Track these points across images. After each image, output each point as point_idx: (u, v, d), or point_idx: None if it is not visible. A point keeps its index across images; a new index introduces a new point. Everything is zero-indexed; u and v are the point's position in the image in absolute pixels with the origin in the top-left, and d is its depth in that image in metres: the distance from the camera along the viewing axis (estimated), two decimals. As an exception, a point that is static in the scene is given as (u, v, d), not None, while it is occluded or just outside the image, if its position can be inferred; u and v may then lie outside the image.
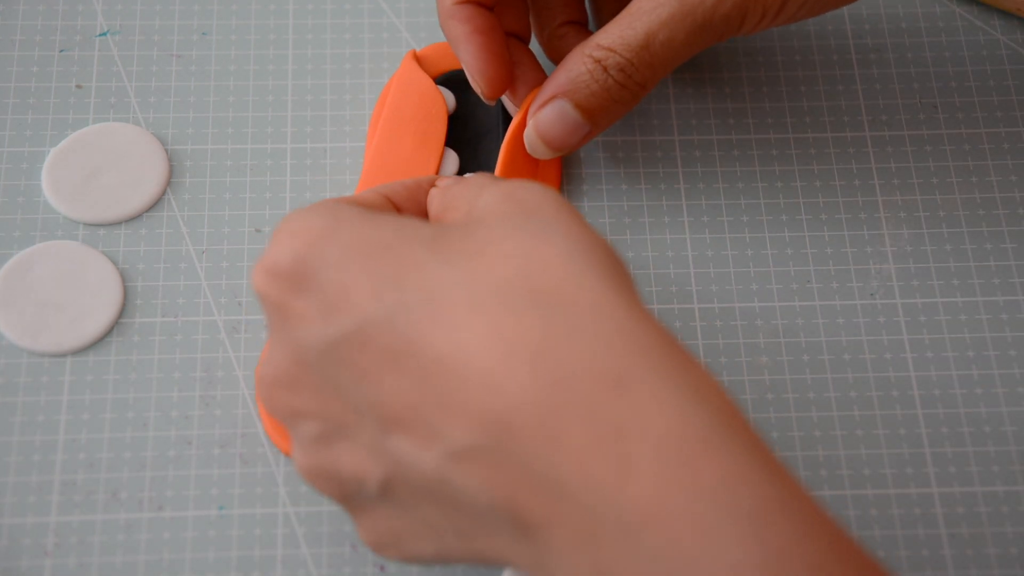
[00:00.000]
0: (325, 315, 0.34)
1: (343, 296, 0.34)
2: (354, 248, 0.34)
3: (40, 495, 0.43)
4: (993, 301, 0.47)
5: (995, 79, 0.51)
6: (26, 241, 0.47)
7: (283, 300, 0.35)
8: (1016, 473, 0.44)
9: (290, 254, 0.35)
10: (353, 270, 0.34)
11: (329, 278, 0.34)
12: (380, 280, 0.33)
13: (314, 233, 0.35)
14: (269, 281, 0.35)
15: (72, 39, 0.51)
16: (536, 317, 0.31)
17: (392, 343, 0.32)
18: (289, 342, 0.35)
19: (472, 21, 0.45)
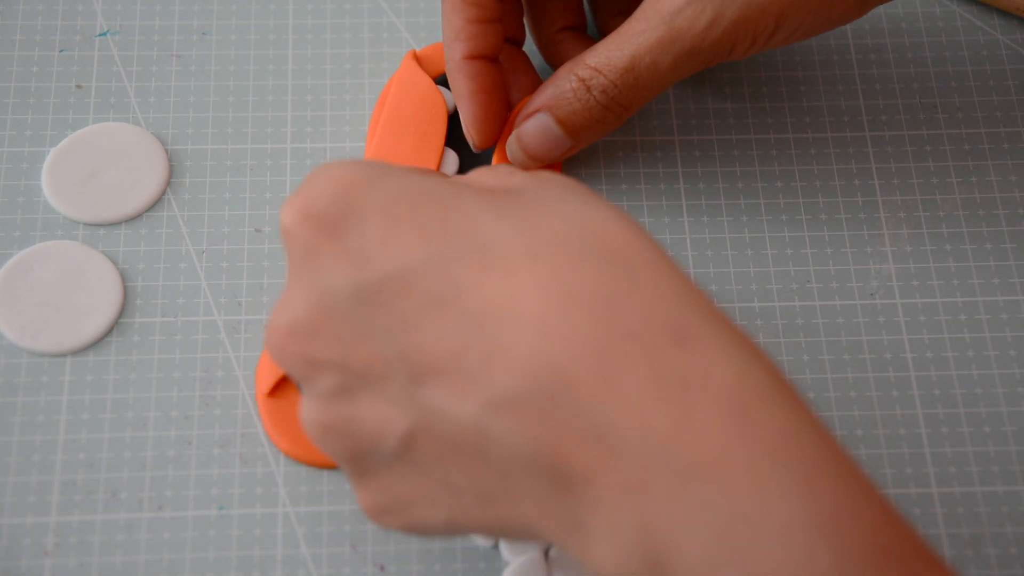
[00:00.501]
0: (362, 259, 0.33)
1: (385, 240, 0.33)
2: (400, 194, 0.33)
3: (40, 495, 0.43)
4: (993, 301, 0.47)
5: (995, 79, 0.51)
6: (26, 241, 0.47)
7: (314, 242, 0.33)
8: (1016, 473, 0.44)
9: (329, 195, 0.33)
10: (398, 215, 0.33)
11: (370, 222, 0.33)
12: (427, 226, 0.32)
13: (357, 177, 0.34)
14: (301, 220, 0.34)
15: (72, 39, 0.51)
16: (596, 270, 0.31)
17: (436, 289, 0.32)
18: (313, 287, 0.34)
19: (478, 79, 0.46)
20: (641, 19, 0.43)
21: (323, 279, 0.33)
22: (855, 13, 0.43)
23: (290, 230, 0.34)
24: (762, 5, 0.42)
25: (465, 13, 0.45)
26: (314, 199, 0.34)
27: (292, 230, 0.34)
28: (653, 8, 0.43)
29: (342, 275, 0.33)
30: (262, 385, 0.44)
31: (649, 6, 0.43)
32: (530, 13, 0.49)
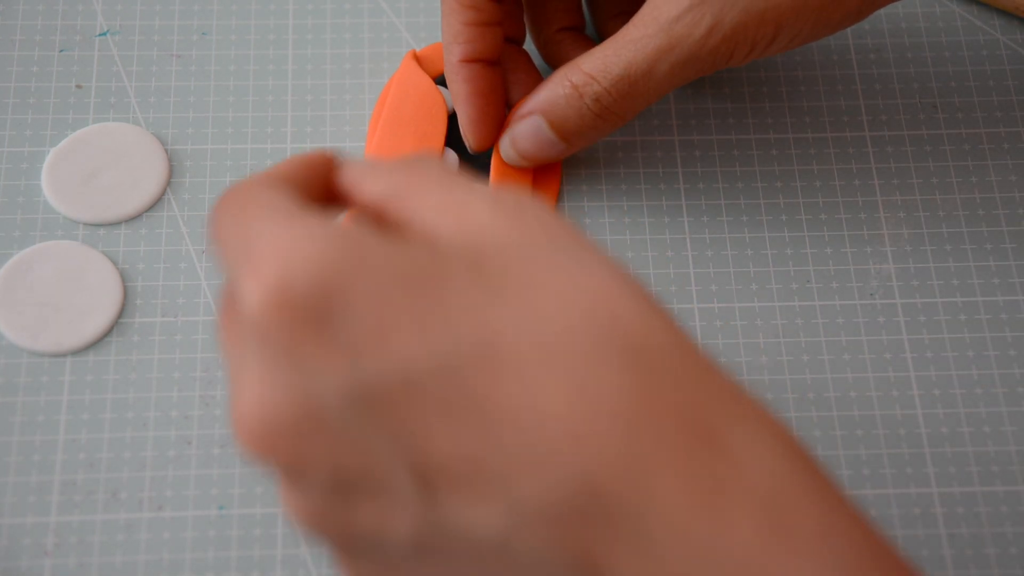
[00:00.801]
0: (354, 356, 0.29)
1: (379, 334, 0.29)
2: (389, 277, 0.29)
3: (40, 495, 0.43)
4: (993, 301, 0.47)
5: (995, 79, 0.51)
6: (26, 241, 0.47)
7: (295, 335, 0.29)
8: (1016, 473, 0.44)
9: (308, 280, 0.29)
10: (390, 304, 0.29)
11: (360, 312, 0.29)
12: (424, 317, 0.29)
13: (337, 255, 0.29)
14: (276, 309, 0.29)
15: (72, 39, 0.51)
16: (617, 366, 0.29)
17: (444, 392, 0.29)
18: (294, 384, 0.30)
19: (475, 82, 0.46)
20: (639, 25, 0.43)
21: (307, 377, 0.30)
22: (855, 18, 0.43)
23: (262, 319, 0.29)
24: (761, 12, 0.41)
25: (463, 16, 0.45)
26: (291, 284, 0.29)
27: (265, 319, 0.29)
28: (651, 15, 0.42)
29: (331, 374, 0.29)
30: (262, 385, 0.44)
31: (647, 13, 0.43)
32: (529, 13, 0.49)
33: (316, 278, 0.29)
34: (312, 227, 0.30)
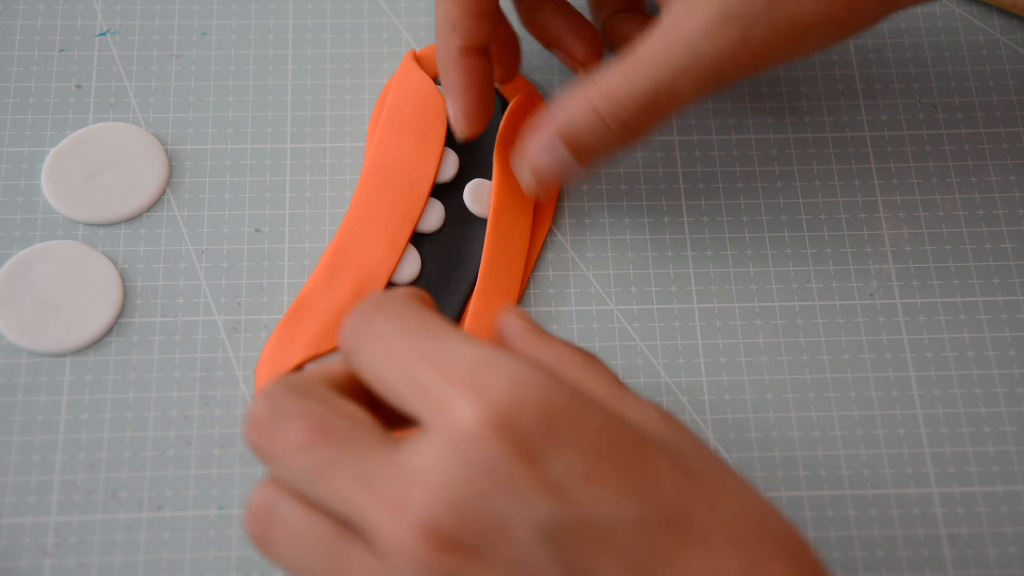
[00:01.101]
0: (560, 492, 0.30)
1: (590, 479, 0.31)
2: (603, 430, 0.32)
3: (40, 495, 0.43)
4: (993, 301, 0.47)
5: (995, 79, 0.51)
6: (26, 241, 0.47)
7: (504, 457, 0.30)
8: (1015, 473, 0.44)
9: (535, 408, 0.31)
10: (602, 456, 0.31)
11: (574, 455, 0.31)
12: (630, 477, 0.31)
13: (563, 398, 0.31)
14: (494, 429, 0.30)
15: (72, 39, 0.51)
16: (784, 567, 0.32)
17: (637, 549, 0.31)
18: (490, 508, 0.30)
19: (471, 73, 0.45)
20: (661, 41, 0.41)
21: (505, 502, 0.30)
22: (872, 24, 0.42)
23: (476, 434, 0.31)
24: (787, 27, 0.40)
25: (464, 6, 0.45)
26: (524, 414, 0.31)
27: (479, 435, 0.31)
28: (674, 31, 0.41)
29: (534, 504, 0.30)
30: (262, 385, 0.44)
31: (669, 28, 0.41)
32: None
33: (541, 408, 0.31)
34: (552, 377, 0.32)
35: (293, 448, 0.33)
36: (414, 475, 0.31)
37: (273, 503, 0.33)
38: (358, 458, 0.32)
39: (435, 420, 0.31)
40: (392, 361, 0.33)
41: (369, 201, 0.47)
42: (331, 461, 0.32)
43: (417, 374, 0.32)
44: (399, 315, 0.34)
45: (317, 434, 0.32)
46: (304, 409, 0.33)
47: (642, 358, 0.46)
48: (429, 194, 0.47)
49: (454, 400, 0.31)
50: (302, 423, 0.33)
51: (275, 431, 0.33)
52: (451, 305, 0.46)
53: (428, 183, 0.47)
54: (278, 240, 0.47)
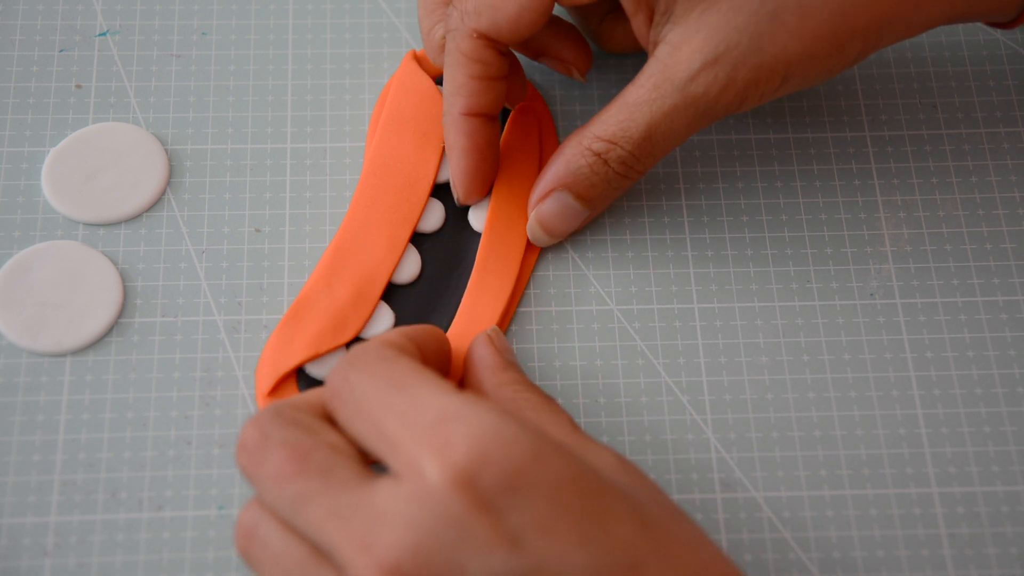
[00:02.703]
0: (515, 542, 0.33)
1: (546, 530, 0.33)
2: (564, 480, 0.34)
3: (40, 495, 0.43)
4: (993, 301, 0.47)
5: (995, 79, 0.51)
6: (26, 241, 0.47)
7: (467, 512, 0.33)
8: (1016, 473, 0.44)
9: (501, 470, 0.34)
10: (562, 505, 0.33)
11: (534, 505, 0.33)
12: (587, 526, 0.33)
13: (527, 450, 0.34)
14: (460, 486, 0.33)
15: (72, 39, 0.51)
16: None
17: None
18: (447, 555, 0.33)
19: (474, 136, 0.45)
20: (650, 86, 0.43)
21: (462, 552, 0.33)
22: (855, 62, 0.44)
23: (439, 491, 0.33)
24: (771, 66, 0.42)
25: (469, 69, 0.44)
26: (485, 470, 0.33)
27: (442, 491, 0.33)
28: (663, 75, 0.43)
29: (488, 553, 0.33)
30: (262, 385, 0.44)
31: (658, 72, 0.43)
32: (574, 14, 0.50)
33: (506, 469, 0.33)
34: (517, 428, 0.34)
35: (276, 477, 0.35)
36: (381, 518, 0.33)
37: (257, 523, 0.37)
38: (333, 493, 0.34)
39: (404, 473, 0.34)
40: (364, 419, 0.36)
41: (369, 201, 0.47)
42: (309, 493, 0.35)
43: (387, 431, 0.35)
44: (370, 371, 0.36)
45: (297, 465, 0.35)
46: (288, 439, 0.36)
47: (642, 358, 0.46)
48: (429, 194, 0.47)
49: (420, 457, 0.34)
50: (285, 453, 0.36)
51: (261, 458, 0.36)
52: (450, 305, 0.46)
53: (428, 183, 0.47)
54: (278, 240, 0.47)
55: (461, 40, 0.44)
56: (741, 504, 0.43)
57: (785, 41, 0.42)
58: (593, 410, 0.45)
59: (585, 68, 0.48)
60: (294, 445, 0.36)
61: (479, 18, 0.43)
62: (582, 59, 0.48)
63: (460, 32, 0.44)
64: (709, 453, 0.44)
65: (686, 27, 0.42)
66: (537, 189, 0.46)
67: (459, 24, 0.44)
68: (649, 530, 0.34)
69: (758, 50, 0.42)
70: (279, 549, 0.36)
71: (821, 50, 0.42)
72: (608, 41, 0.50)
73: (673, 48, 0.42)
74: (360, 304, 0.45)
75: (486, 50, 0.44)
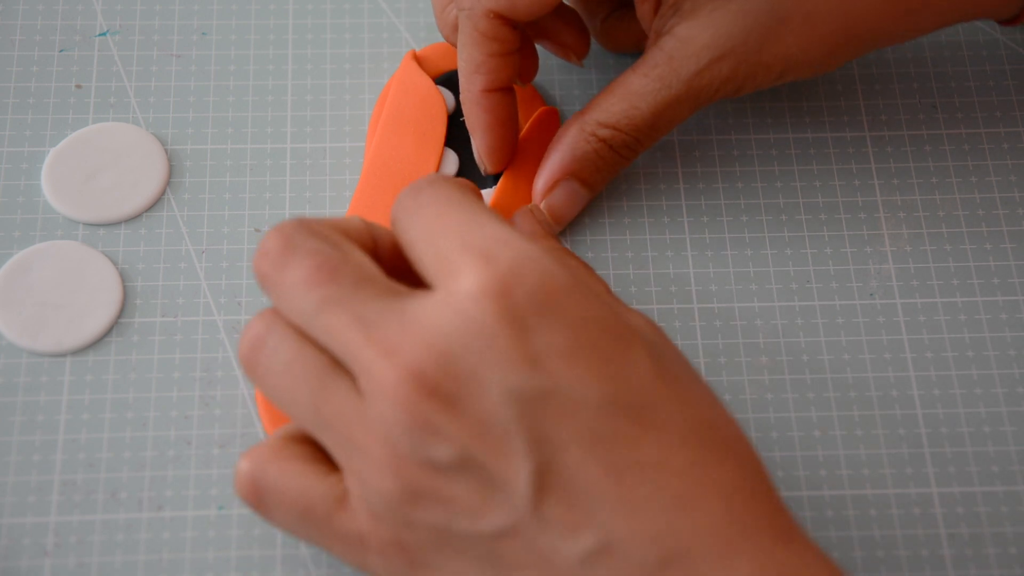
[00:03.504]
0: (536, 363, 0.33)
1: (569, 358, 0.34)
2: (592, 313, 0.34)
3: (40, 495, 0.43)
4: (992, 301, 0.47)
5: (995, 79, 0.51)
6: (26, 241, 0.47)
7: (500, 325, 0.33)
8: (1015, 473, 0.44)
9: (533, 285, 0.34)
10: (586, 337, 0.34)
11: (561, 332, 0.34)
12: (607, 362, 0.34)
13: (562, 279, 0.34)
14: (495, 298, 0.33)
15: (72, 39, 0.51)
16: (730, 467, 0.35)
17: (597, 426, 0.33)
18: (476, 356, 0.33)
19: (496, 111, 0.46)
20: (654, 76, 0.44)
21: (485, 362, 0.33)
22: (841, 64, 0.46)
23: (473, 298, 0.33)
24: (770, 63, 0.44)
25: (487, 48, 0.44)
26: (520, 286, 0.33)
27: (475, 299, 0.33)
28: (669, 67, 0.44)
29: (509, 366, 0.33)
30: (262, 385, 0.44)
31: (664, 64, 0.44)
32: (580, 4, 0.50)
33: (541, 286, 0.34)
34: (555, 260, 0.34)
35: (299, 282, 0.35)
36: (409, 324, 0.33)
37: (268, 330, 0.36)
38: (360, 301, 0.34)
39: (442, 282, 0.34)
40: (423, 230, 0.36)
41: (369, 201, 0.47)
42: (334, 300, 0.34)
43: (440, 242, 0.35)
44: (443, 192, 0.36)
45: (325, 273, 0.35)
46: (316, 248, 0.35)
47: (642, 358, 0.46)
48: (429, 194, 0.47)
49: (463, 266, 0.34)
50: (313, 260, 0.35)
51: (284, 263, 0.35)
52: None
53: (428, 183, 0.47)
54: (278, 240, 0.47)
55: (478, 20, 0.44)
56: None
57: (788, 44, 0.44)
58: (593, 410, 0.45)
59: (583, 53, 0.48)
60: (324, 255, 0.35)
61: None
62: (581, 44, 0.48)
63: (476, 12, 0.44)
64: (709, 453, 0.44)
65: (695, 23, 0.44)
66: (543, 177, 0.46)
67: (475, 4, 0.44)
68: (665, 381, 0.35)
69: (761, 50, 0.44)
70: (290, 356, 0.35)
71: (820, 54, 0.45)
72: (610, 40, 0.50)
73: (681, 42, 0.44)
74: (360, 304, 0.45)
75: (502, 28, 0.44)
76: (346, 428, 0.35)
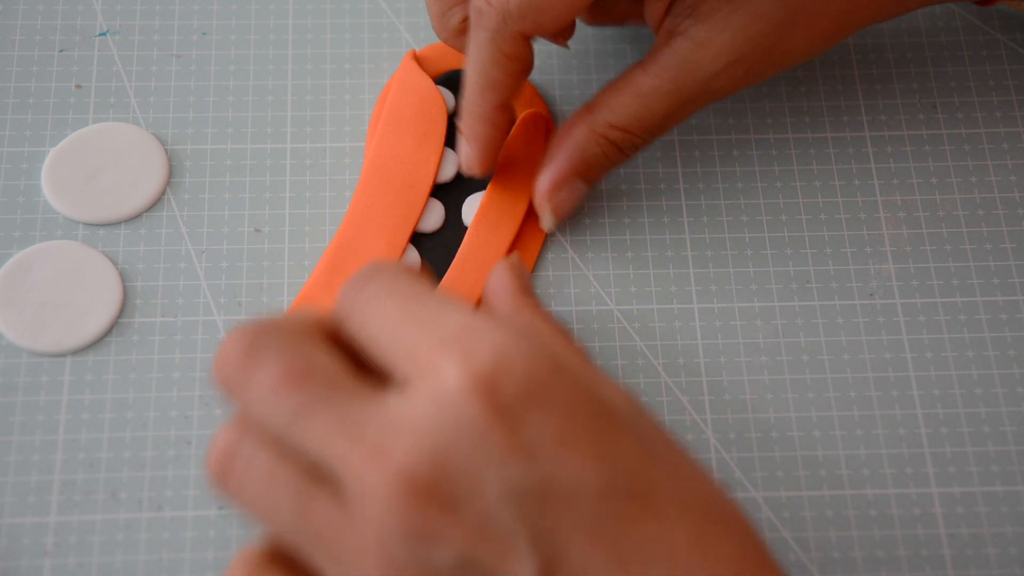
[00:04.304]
0: (531, 453, 0.32)
1: (563, 444, 0.33)
2: (582, 396, 0.34)
3: (40, 495, 0.43)
4: (992, 301, 0.47)
5: (994, 79, 0.51)
6: (26, 241, 0.47)
7: (488, 419, 0.32)
8: (1015, 473, 0.44)
9: (521, 375, 0.33)
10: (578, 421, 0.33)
11: (552, 419, 0.33)
12: (602, 445, 0.33)
13: (546, 363, 0.33)
14: (483, 393, 0.32)
15: (72, 39, 0.51)
16: (734, 543, 0.34)
17: (598, 513, 0.33)
18: (468, 461, 0.32)
19: (499, 125, 0.45)
20: (668, 78, 0.44)
21: (479, 460, 0.32)
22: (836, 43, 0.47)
23: (459, 395, 0.32)
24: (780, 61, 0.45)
25: (510, 68, 0.44)
26: (507, 379, 0.32)
27: (462, 396, 0.32)
28: (684, 69, 0.44)
29: (504, 463, 0.32)
30: (262, 385, 0.44)
31: (678, 67, 0.44)
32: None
33: (525, 376, 0.32)
34: (539, 344, 0.34)
35: (268, 389, 0.33)
36: (395, 425, 0.32)
37: (239, 443, 0.34)
38: (338, 404, 0.33)
39: (421, 378, 0.33)
40: (382, 324, 0.34)
41: (369, 201, 0.47)
42: (310, 405, 0.33)
43: (406, 337, 0.33)
44: (391, 282, 0.35)
45: (295, 377, 0.33)
46: (281, 350, 0.34)
47: (642, 358, 0.46)
48: (429, 194, 0.47)
49: (441, 361, 0.32)
50: (280, 364, 0.33)
51: (249, 370, 0.33)
52: (451, 305, 0.46)
53: (428, 183, 0.47)
54: (278, 240, 0.47)
55: (503, 42, 0.43)
56: (741, 504, 0.43)
57: (796, 41, 0.44)
58: (593, 410, 0.45)
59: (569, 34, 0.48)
60: (292, 357, 0.33)
61: (524, 21, 0.42)
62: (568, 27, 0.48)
63: (504, 33, 0.43)
64: (709, 453, 0.44)
65: (712, 25, 0.43)
66: (550, 176, 0.46)
67: (501, 26, 0.43)
68: (657, 460, 0.34)
69: (773, 50, 0.44)
70: (267, 469, 0.33)
71: (823, 46, 0.45)
72: (593, 14, 0.49)
73: (697, 45, 0.43)
74: (360, 304, 0.45)
75: (525, 47, 0.44)
76: (335, 538, 0.33)
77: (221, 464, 0.34)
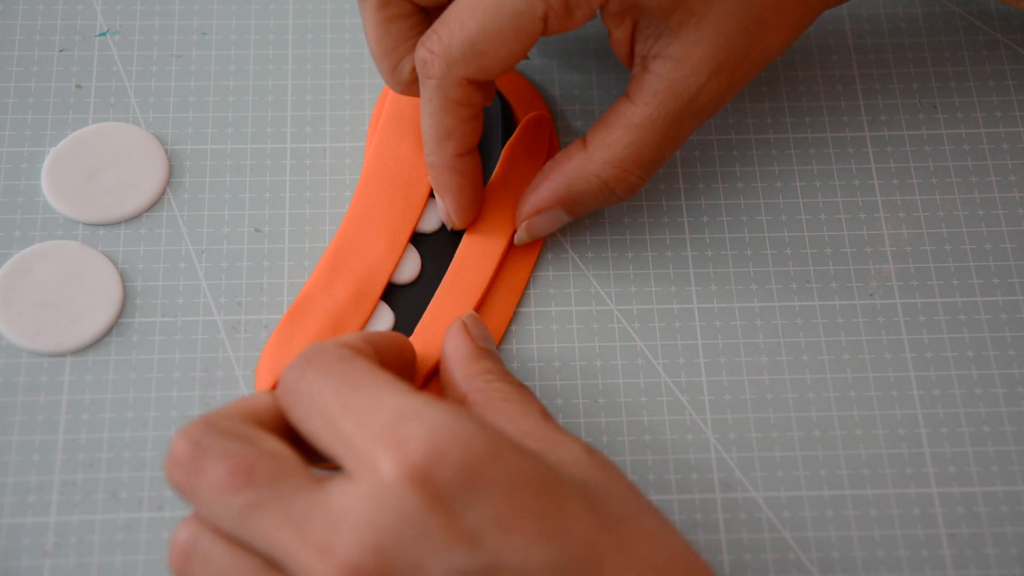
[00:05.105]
0: (474, 541, 0.32)
1: (505, 527, 0.33)
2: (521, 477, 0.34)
3: (40, 495, 0.43)
4: (992, 301, 0.47)
5: (995, 79, 0.51)
6: (26, 241, 0.47)
7: (422, 510, 0.32)
8: (1015, 473, 0.44)
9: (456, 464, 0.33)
10: (520, 502, 0.33)
11: (492, 503, 0.33)
12: (546, 523, 0.33)
13: (481, 447, 0.33)
14: (415, 482, 0.32)
15: (72, 39, 0.51)
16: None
17: None
18: (405, 557, 0.32)
19: (467, 172, 0.45)
20: (656, 103, 0.43)
21: (422, 550, 0.32)
22: None
23: (395, 488, 0.33)
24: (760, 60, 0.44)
25: (460, 114, 0.43)
26: (440, 467, 0.33)
27: (398, 489, 0.33)
28: (670, 91, 0.43)
29: (447, 551, 0.32)
30: (261, 385, 0.44)
31: (664, 90, 0.43)
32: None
33: (461, 463, 0.33)
34: (471, 425, 0.34)
35: (216, 489, 0.34)
36: (338, 520, 0.33)
37: (196, 540, 0.35)
38: (284, 499, 0.34)
39: (360, 471, 0.33)
40: (320, 416, 0.35)
41: (369, 201, 0.47)
42: (258, 502, 0.34)
43: (342, 429, 0.34)
44: (327, 370, 0.36)
45: (241, 475, 0.34)
46: (228, 449, 0.35)
47: (642, 358, 0.46)
48: (429, 194, 0.47)
49: (376, 455, 0.33)
50: (226, 464, 0.34)
51: (197, 471, 0.35)
52: (451, 305, 0.46)
53: (428, 183, 0.47)
54: (278, 240, 0.47)
55: (449, 88, 0.43)
56: (740, 504, 0.43)
57: (769, 38, 0.44)
58: (593, 410, 0.45)
59: None
60: (237, 455, 0.34)
61: (468, 66, 0.42)
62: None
63: (448, 80, 0.42)
64: (709, 453, 0.44)
65: (685, 40, 0.42)
66: (532, 201, 0.45)
67: (445, 72, 0.42)
68: (608, 527, 0.34)
69: (749, 51, 0.43)
70: (225, 565, 0.35)
71: (793, 36, 0.45)
72: None
73: (677, 63, 0.43)
74: (360, 304, 0.45)
75: (474, 92, 0.43)
76: None
77: (181, 562, 0.35)
